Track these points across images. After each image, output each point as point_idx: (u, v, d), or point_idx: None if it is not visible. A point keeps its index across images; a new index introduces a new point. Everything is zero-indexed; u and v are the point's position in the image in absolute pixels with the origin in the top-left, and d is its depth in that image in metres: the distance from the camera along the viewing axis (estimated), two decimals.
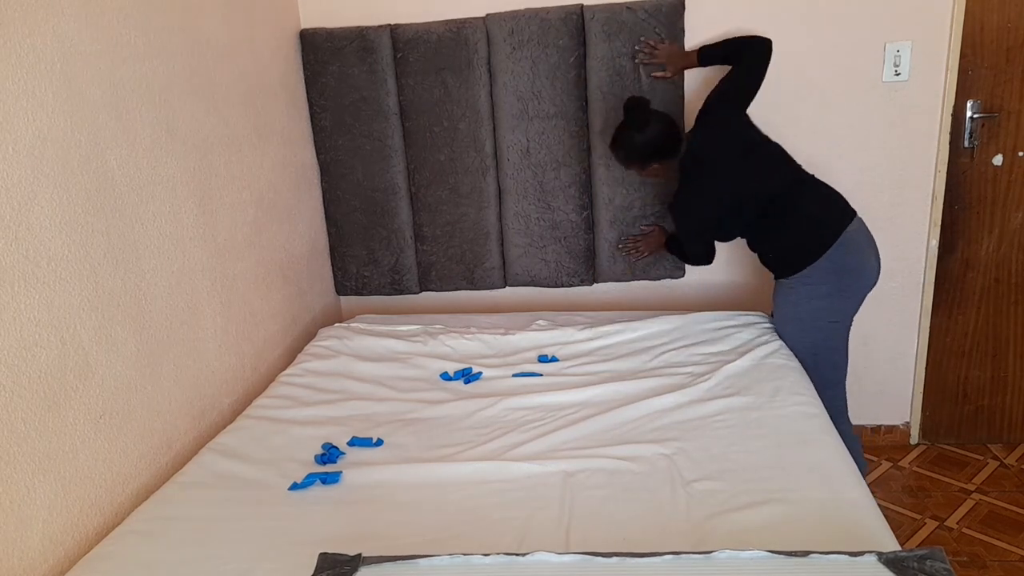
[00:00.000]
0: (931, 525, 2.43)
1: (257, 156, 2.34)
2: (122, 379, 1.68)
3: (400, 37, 2.61)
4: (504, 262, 2.82)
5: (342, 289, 2.94)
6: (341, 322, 2.69)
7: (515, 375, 2.18)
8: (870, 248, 2.21)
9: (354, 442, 1.85)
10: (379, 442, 1.85)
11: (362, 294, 2.94)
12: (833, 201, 2.21)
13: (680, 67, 2.48)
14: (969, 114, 2.55)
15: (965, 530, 2.40)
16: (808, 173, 2.25)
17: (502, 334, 2.43)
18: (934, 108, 2.56)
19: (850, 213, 2.19)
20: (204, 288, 2.03)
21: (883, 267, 2.74)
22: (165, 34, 1.89)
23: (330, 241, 2.88)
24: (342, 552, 1.28)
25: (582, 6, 2.52)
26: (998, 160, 2.59)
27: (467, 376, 2.19)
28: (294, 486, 1.65)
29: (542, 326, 2.49)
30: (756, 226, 2.26)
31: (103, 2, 1.66)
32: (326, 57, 2.65)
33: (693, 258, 2.46)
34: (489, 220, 2.76)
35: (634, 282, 2.82)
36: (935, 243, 2.68)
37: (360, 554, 1.27)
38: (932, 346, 2.79)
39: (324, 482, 1.66)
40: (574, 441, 1.79)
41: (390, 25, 2.63)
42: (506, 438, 1.82)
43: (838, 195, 2.22)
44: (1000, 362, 2.78)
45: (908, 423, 2.90)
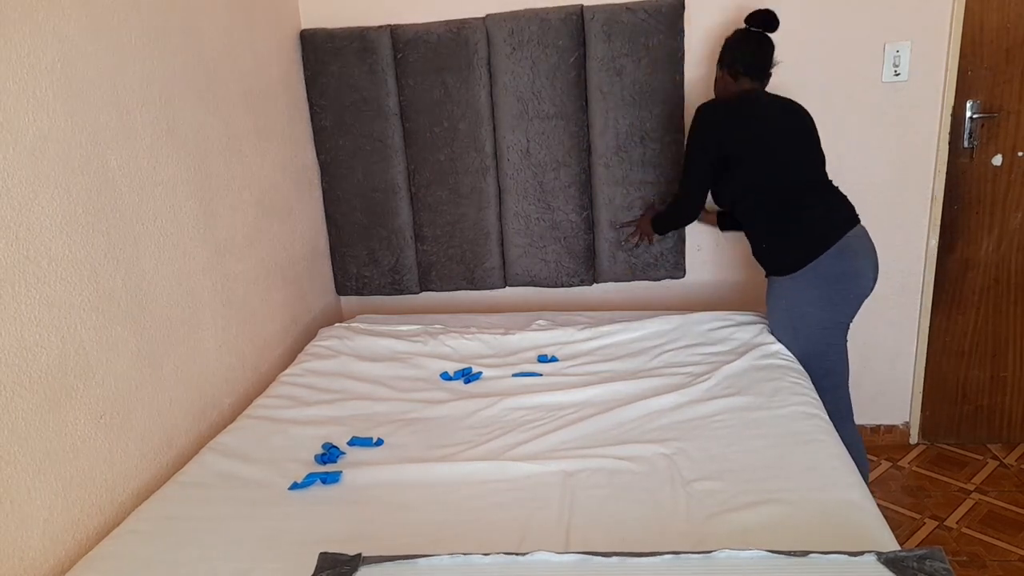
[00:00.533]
0: (931, 525, 2.43)
1: (257, 156, 2.34)
2: (122, 379, 1.68)
3: (400, 37, 2.61)
4: (504, 262, 2.83)
5: (342, 289, 2.94)
6: (341, 322, 2.70)
7: (515, 375, 2.18)
8: (866, 255, 2.17)
9: (354, 442, 1.85)
10: (379, 442, 1.85)
11: (362, 294, 2.94)
12: (836, 208, 2.18)
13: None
14: (969, 114, 2.56)
15: (965, 530, 2.41)
16: (827, 177, 2.23)
17: (502, 334, 2.43)
18: (934, 108, 2.56)
19: (852, 220, 2.16)
20: (204, 288, 2.03)
21: (883, 267, 2.75)
22: (165, 34, 1.89)
23: (330, 241, 2.88)
24: (342, 552, 1.28)
25: (582, 6, 2.53)
26: (998, 160, 2.59)
27: (467, 376, 2.19)
28: (294, 486, 1.65)
29: (542, 326, 2.49)
30: (758, 214, 2.21)
31: (103, 2, 1.67)
32: (326, 57, 2.66)
33: (682, 200, 2.35)
34: (489, 220, 2.76)
35: (634, 282, 2.82)
36: (935, 243, 2.68)
37: (360, 554, 1.27)
38: (932, 346, 2.80)
39: (324, 482, 1.66)
40: (574, 441, 1.79)
41: (390, 25, 2.63)
42: (506, 438, 1.82)
43: (845, 202, 2.19)
44: (1000, 362, 2.78)
45: (908, 423, 2.91)
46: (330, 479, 1.67)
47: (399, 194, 2.77)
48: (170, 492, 1.65)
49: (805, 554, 1.22)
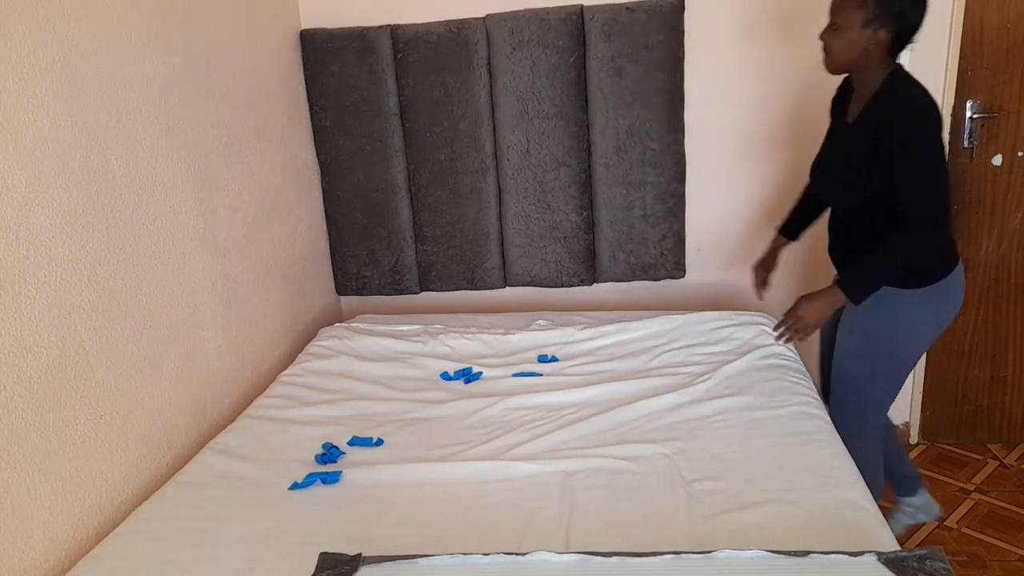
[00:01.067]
0: (931, 525, 2.43)
1: (257, 156, 2.34)
2: (122, 379, 1.68)
3: (400, 37, 2.61)
4: (504, 262, 2.83)
5: (342, 289, 2.94)
6: (341, 322, 2.70)
7: (515, 375, 2.18)
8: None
9: (354, 442, 1.85)
10: (379, 442, 1.85)
11: (362, 294, 2.94)
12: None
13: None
14: (968, 114, 2.55)
15: (965, 530, 2.41)
16: None
17: (502, 334, 2.43)
18: None
19: None
20: (204, 288, 2.03)
21: None
22: (165, 34, 1.89)
23: (330, 241, 2.88)
24: (342, 552, 1.28)
25: (582, 6, 2.52)
26: (997, 160, 2.59)
27: (467, 376, 2.19)
28: (294, 486, 1.65)
29: (542, 326, 2.49)
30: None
31: (103, 2, 1.67)
32: (326, 57, 2.66)
33: (932, 228, 1.74)
34: (489, 220, 2.76)
35: (634, 282, 2.82)
36: None
37: (360, 554, 1.27)
38: (932, 346, 2.79)
39: (324, 482, 1.66)
40: (574, 441, 1.80)
41: (390, 25, 2.63)
42: (506, 438, 1.82)
43: None
44: (1000, 362, 2.78)
45: (908, 423, 2.90)
46: (330, 479, 1.67)
47: (399, 194, 2.77)
48: (170, 492, 1.66)
49: (805, 554, 1.22)
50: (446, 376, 2.21)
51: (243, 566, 1.38)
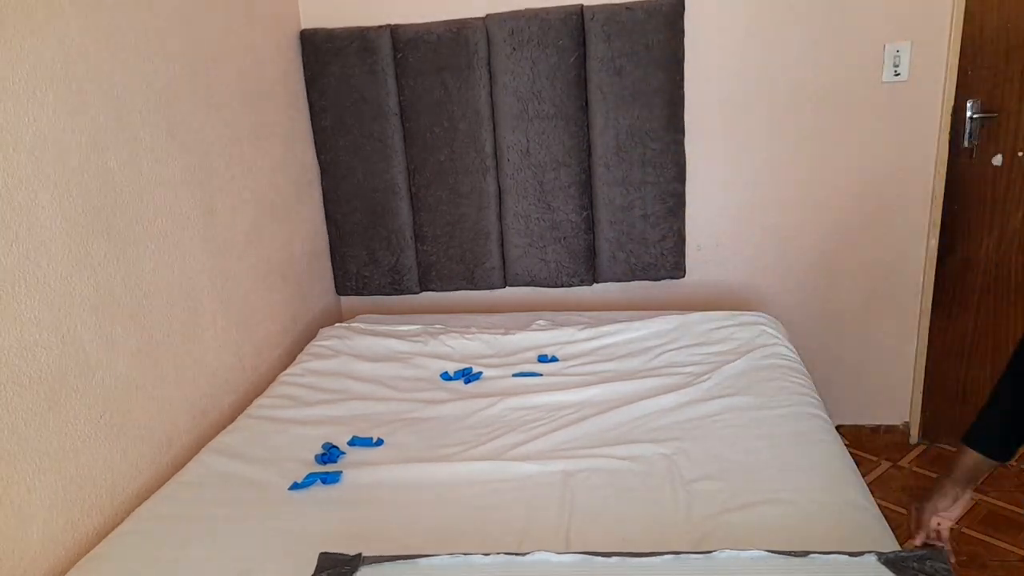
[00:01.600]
0: None
1: (257, 156, 2.34)
2: (122, 379, 1.68)
3: (400, 37, 2.61)
4: (504, 262, 2.83)
5: (342, 289, 2.94)
6: (341, 322, 2.70)
7: (515, 375, 2.18)
8: None
9: (354, 442, 1.85)
10: (379, 442, 1.85)
11: (362, 294, 2.94)
12: None
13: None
14: (969, 114, 2.55)
15: (965, 530, 2.40)
16: None
17: (502, 334, 2.43)
18: (934, 108, 2.56)
19: None
20: (204, 288, 2.03)
21: (883, 267, 2.75)
22: (165, 35, 1.89)
23: (330, 241, 2.88)
24: (342, 552, 1.28)
25: (582, 6, 2.52)
26: (998, 160, 2.59)
27: (467, 376, 2.19)
28: (294, 486, 1.65)
29: (542, 326, 2.49)
30: None
31: (103, 2, 1.67)
32: (326, 57, 2.66)
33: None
34: (489, 220, 2.76)
35: (634, 282, 2.82)
36: (935, 243, 2.68)
37: (360, 554, 1.27)
38: (931, 346, 2.79)
39: (324, 482, 1.66)
40: (574, 441, 1.79)
41: (390, 25, 2.63)
42: (506, 438, 1.82)
43: None
44: (1000, 362, 2.76)
45: (907, 423, 2.90)
46: (330, 479, 1.67)
47: (399, 194, 2.77)
48: (170, 492, 1.65)
49: (805, 554, 1.22)
50: (446, 376, 2.21)
51: (243, 566, 1.38)
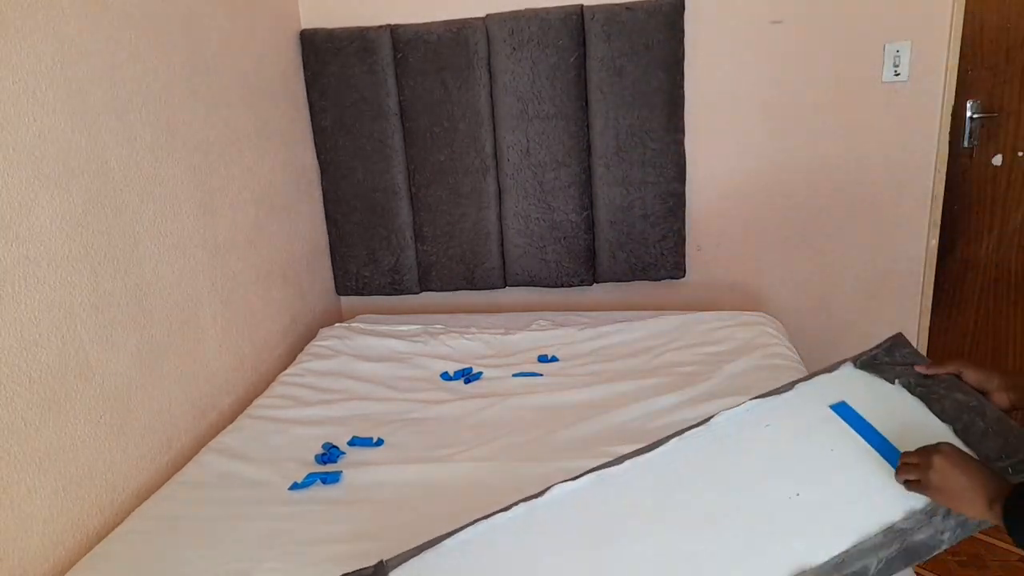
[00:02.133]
0: None
1: (257, 156, 2.34)
2: (122, 379, 1.68)
3: (400, 37, 2.61)
4: (504, 262, 2.82)
5: (342, 289, 2.94)
6: (341, 322, 2.70)
7: (515, 375, 2.18)
8: None
9: (354, 442, 1.85)
10: (379, 442, 1.85)
11: (362, 294, 2.94)
12: None
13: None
14: (968, 114, 2.55)
15: None
16: None
17: (502, 334, 2.43)
18: (934, 108, 2.56)
19: None
20: (204, 288, 2.03)
21: (882, 267, 2.75)
22: (165, 34, 1.89)
23: (330, 241, 2.88)
24: (362, 568, 1.23)
25: (582, 6, 2.52)
26: (997, 160, 2.59)
27: (467, 376, 2.19)
28: (294, 486, 1.65)
29: (542, 326, 2.49)
30: None
31: (103, 2, 1.67)
32: (326, 57, 2.66)
33: None
34: (489, 220, 2.76)
35: (634, 282, 2.82)
36: (935, 243, 2.68)
37: (381, 561, 1.23)
38: (931, 346, 2.79)
39: (324, 482, 1.66)
40: (574, 441, 1.79)
41: (390, 25, 2.63)
42: (506, 438, 1.82)
43: None
44: (1000, 362, 2.78)
45: None
46: (330, 479, 1.67)
47: (399, 194, 2.77)
48: (170, 492, 1.65)
49: (792, 386, 1.30)
50: (446, 376, 2.21)
51: (243, 566, 1.38)
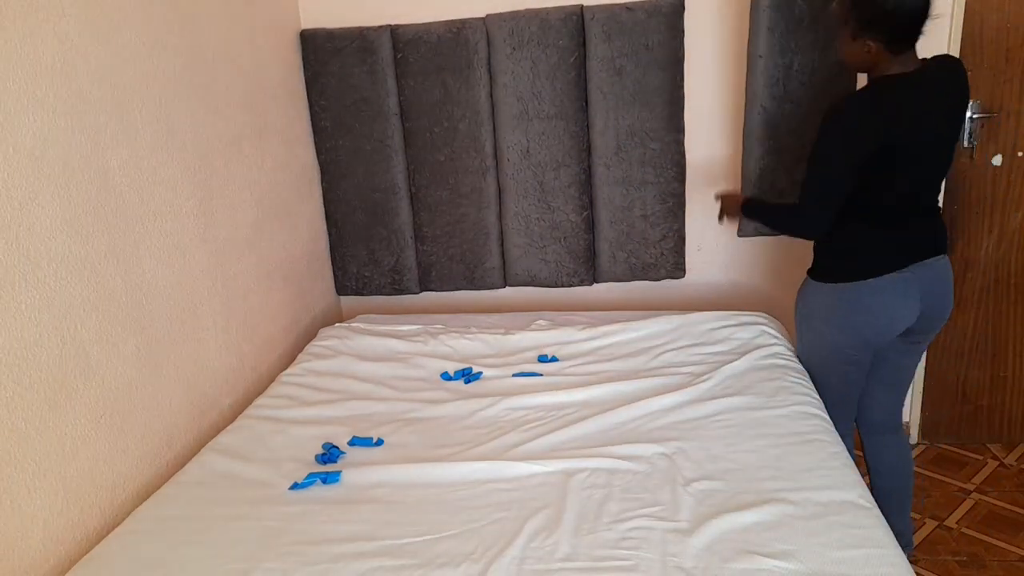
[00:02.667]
0: (931, 525, 2.43)
1: (257, 156, 2.34)
2: (122, 379, 1.68)
3: (400, 37, 2.61)
4: (504, 262, 2.83)
5: (342, 289, 2.94)
6: (341, 322, 2.70)
7: (515, 375, 2.18)
8: (913, 298, 1.87)
9: (354, 442, 1.85)
10: (379, 442, 1.85)
11: (362, 294, 2.94)
12: (913, 238, 1.89)
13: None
14: (969, 114, 2.55)
15: (965, 530, 2.40)
16: (939, 206, 2.01)
17: (502, 334, 2.43)
18: None
19: (921, 254, 1.87)
20: (204, 288, 2.03)
21: None
22: (165, 34, 1.89)
23: (330, 241, 2.88)
24: None
25: (582, 6, 2.53)
26: (997, 160, 2.59)
27: (467, 376, 2.19)
28: (294, 486, 1.65)
29: (542, 326, 2.49)
30: (852, 224, 1.86)
31: (103, 2, 1.67)
32: (326, 57, 2.66)
33: (807, 205, 1.85)
34: (489, 220, 2.76)
35: (634, 282, 2.82)
36: None
37: None
38: (931, 346, 2.79)
39: (324, 482, 1.66)
40: (574, 441, 1.80)
41: (390, 25, 2.63)
42: (506, 438, 1.82)
43: (930, 236, 1.91)
44: (1000, 362, 2.78)
45: (907, 423, 2.90)
46: (330, 479, 1.67)
47: (399, 194, 2.77)
48: (170, 492, 1.66)
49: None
50: (446, 376, 2.21)
51: (243, 566, 1.38)
